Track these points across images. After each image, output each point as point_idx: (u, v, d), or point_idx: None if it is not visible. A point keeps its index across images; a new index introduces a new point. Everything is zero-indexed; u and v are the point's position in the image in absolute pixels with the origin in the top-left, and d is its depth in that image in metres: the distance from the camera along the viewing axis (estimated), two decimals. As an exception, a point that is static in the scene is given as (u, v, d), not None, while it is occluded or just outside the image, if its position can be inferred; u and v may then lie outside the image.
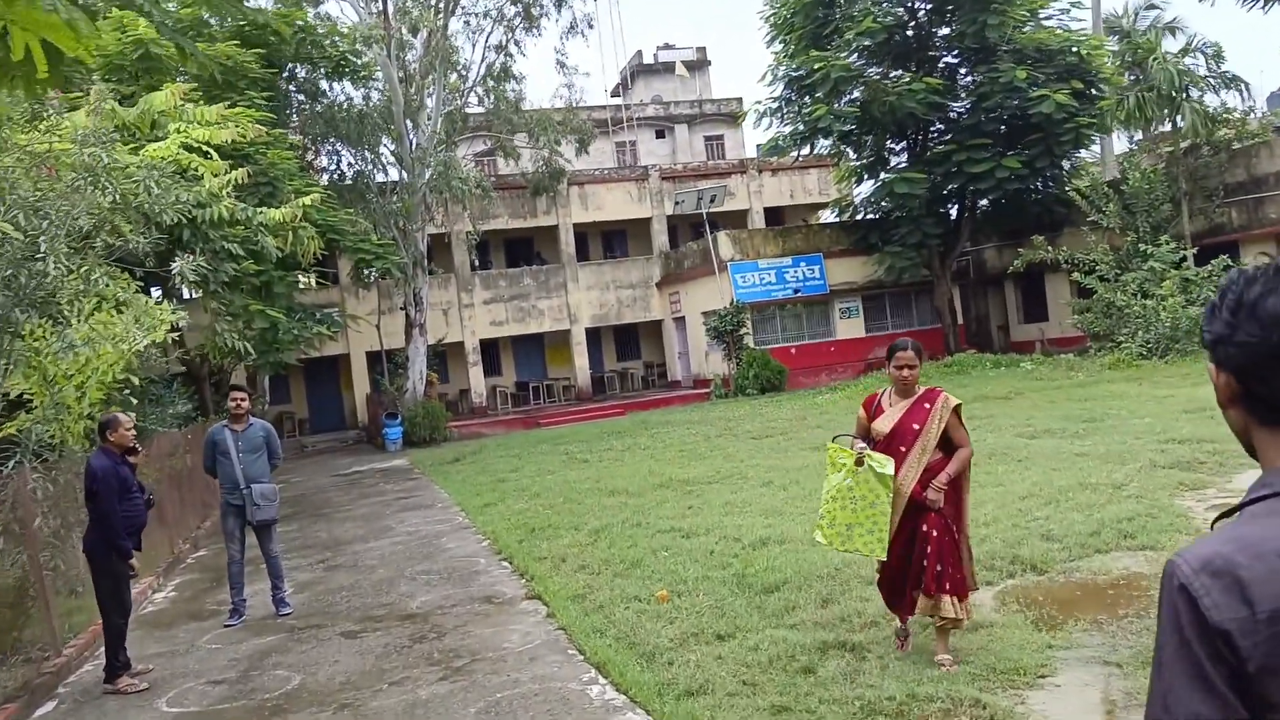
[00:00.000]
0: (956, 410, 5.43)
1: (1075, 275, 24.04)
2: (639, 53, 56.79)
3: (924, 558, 5.28)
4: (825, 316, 30.54)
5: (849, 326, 30.61)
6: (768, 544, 8.46)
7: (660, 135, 49.82)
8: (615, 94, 54.91)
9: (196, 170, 12.57)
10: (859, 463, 5.31)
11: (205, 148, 12.59)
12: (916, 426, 5.40)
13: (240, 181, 13.73)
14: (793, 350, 29.76)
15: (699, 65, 56.54)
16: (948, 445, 5.45)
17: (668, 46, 57.21)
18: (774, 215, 36.29)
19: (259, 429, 8.59)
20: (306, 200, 14.80)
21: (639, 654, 6.01)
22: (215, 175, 13.31)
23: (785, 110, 28.04)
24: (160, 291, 14.69)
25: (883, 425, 5.49)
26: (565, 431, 23.99)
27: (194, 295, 15.12)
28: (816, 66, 25.36)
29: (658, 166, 35.69)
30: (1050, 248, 24.83)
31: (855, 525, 5.38)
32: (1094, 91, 26.27)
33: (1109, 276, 23.89)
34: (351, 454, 26.77)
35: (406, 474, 19.91)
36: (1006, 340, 32.05)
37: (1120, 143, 31.04)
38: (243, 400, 8.48)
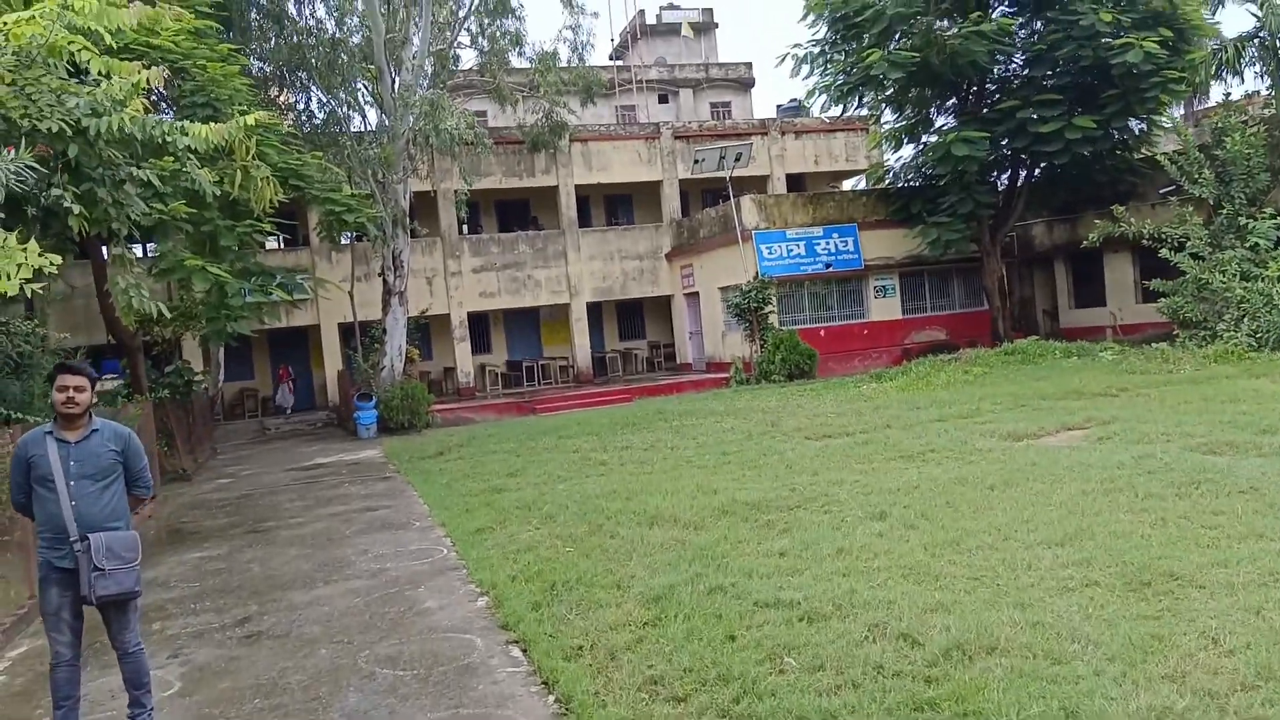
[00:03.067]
0: None
1: (1164, 252, 20.63)
2: (641, 11, 53.04)
3: None
4: (858, 295, 27.11)
5: (884, 307, 27.21)
6: (967, 652, 5.03)
7: (664, 100, 46.38)
8: (615, 56, 51.24)
9: (83, 61, 8.96)
10: None
11: (98, 29, 8.95)
12: None
13: (152, 84, 10.10)
14: (822, 332, 26.35)
15: (705, 28, 52.95)
16: None
17: (672, 6, 53.58)
18: (796, 183, 32.76)
19: (108, 438, 5.07)
20: (249, 119, 11.20)
21: None
22: (117, 76, 9.69)
23: (830, 55, 24.43)
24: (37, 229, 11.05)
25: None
26: (567, 420, 20.50)
27: (73, 236, 11.62)
28: (869, 1, 21.73)
29: (670, 124, 32.05)
30: (1133, 220, 21.38)
31: None
32: (1183, 45, 22.81)
33: (1202, 254, 20.53)
34: (318, 440, 23.19)
35: (379, 470, 16.39)
36: (1054, 326, 28.73)
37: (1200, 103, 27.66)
38: (79, 390, 4.95)
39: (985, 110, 24.88)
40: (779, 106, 35.44)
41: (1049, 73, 23.75)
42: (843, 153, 32.84)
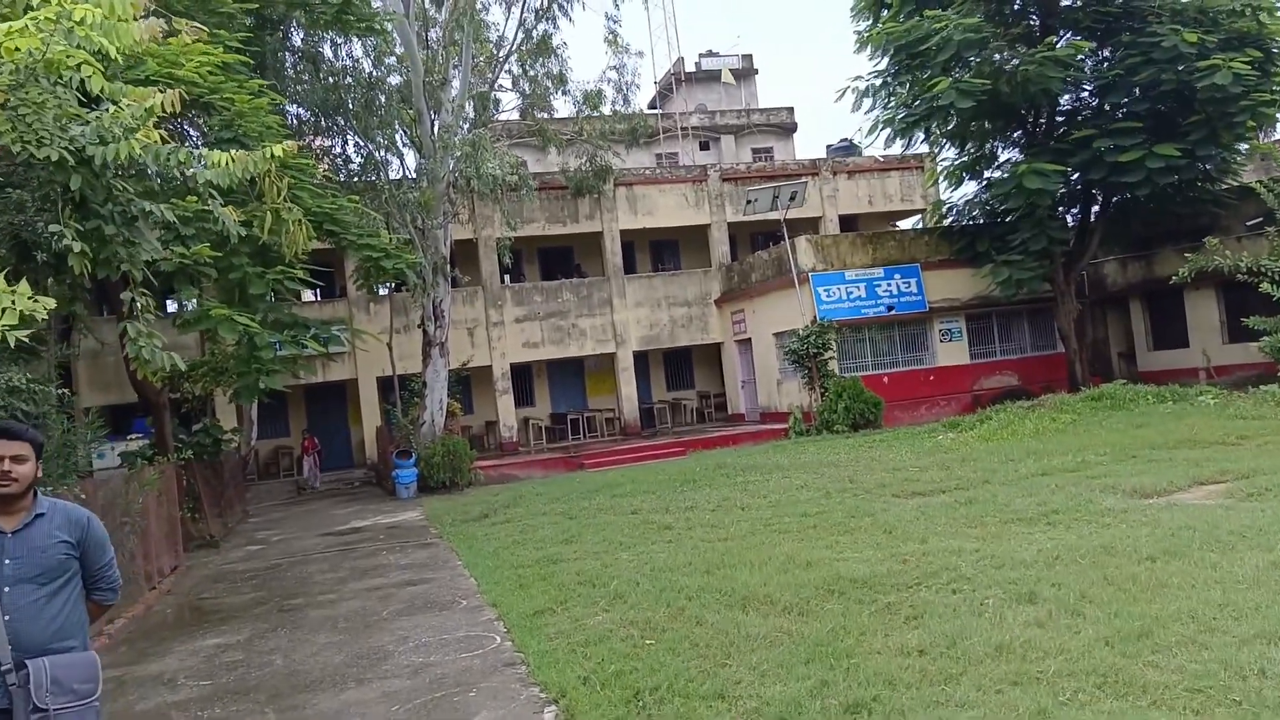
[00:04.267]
0: None
1: (1264, 286, 18.96)
2: (680, 59, 52.40)
3: None
4: (923, 339, 25.58)
5: (951, 351, 25.64)
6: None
7: (705, 147, 45.52)
8: (655, 105, 50.60)
9: (86, 76, 7.86)
10: None
11: (104, 43, 7.86)
12: None
13: (170, 110, 9.00)
14: (885, 379, 24.82)
15: (745, 74, 52.28)
16: None
17: (711, 54, 53.02)
18: (849, 224, 31.41)
19: (58, 525, 3.73)
20: (278, 149, 10.09)
21: None
22: (127, 100, 8.62)
23: (892, 87, 23.18)
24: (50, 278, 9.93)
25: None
26: (618, 477, 19.09)
27: (85, 284, 10.48)
28: (937, 26, 20.47)
29: (718, 166, 30.93)
30: (1228, 253, 19.75)
31: None
32: (1271, 68, 21.32)
33: (1309, 290, 18.83)
34: (355, 500, 21.94)
35: (419, 536, 15.05)
36: (1130, 370, 26.96)
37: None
38: (17, 461, 3.63)
39: (1054, 142, 23.45)
40: (829, 146, 34.27)
41: (1124, 100, 22.32)
42: (897, 192, 31.51)
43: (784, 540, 10.26)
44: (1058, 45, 22.19)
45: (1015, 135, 24.91)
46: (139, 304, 9.24)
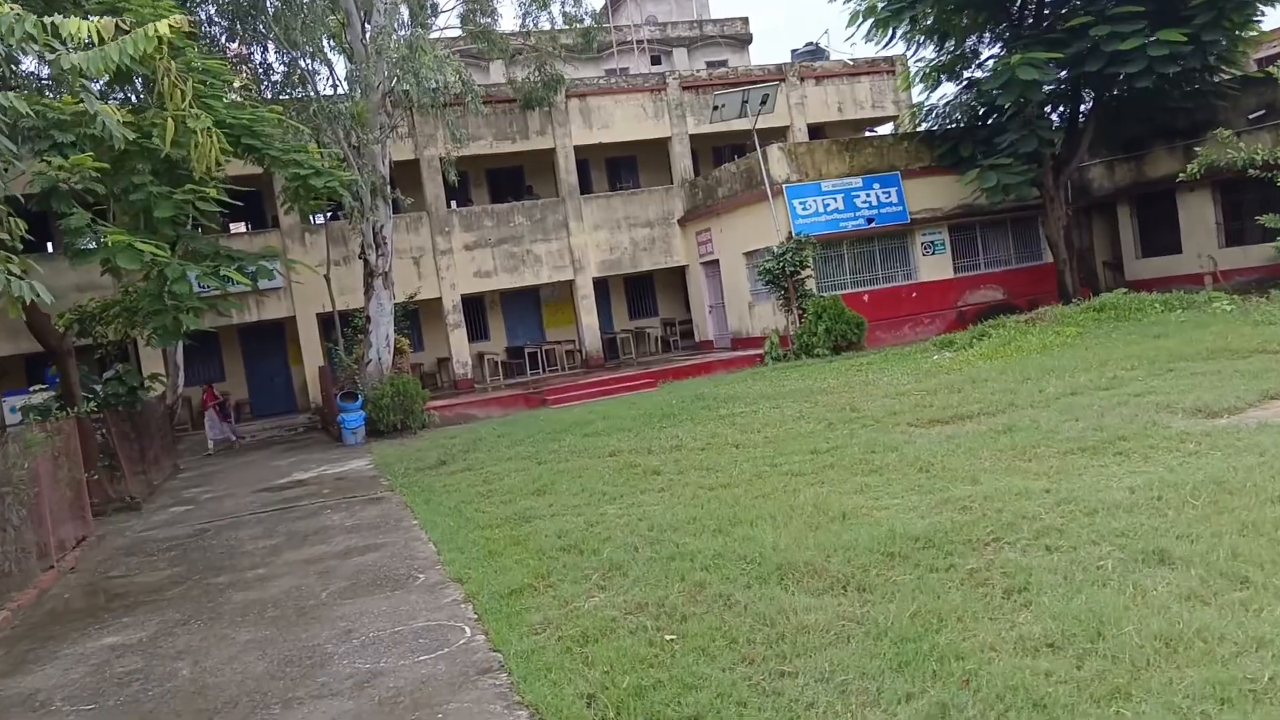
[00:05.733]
0: None
1: None
2: (628, -33, 49.52)
3: None
4: (904, 253, 23.98)
5: (934, 265, 24.09)
6: None
7: (656, 61, 43.27)
8: (601, 19, 47.92)
9: None
10: None
11: None
12: None
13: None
14: (865, 297, 23.24)
15: (696, -16, 49.68)
16: None
17: (660, -39, 50.23)
18: (817, 134, 29.43)
19: None
20: (163, 25, 8.04)
21: None
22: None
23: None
24: None
25: None
26: (588, 413, 17.40)
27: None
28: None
29: (677, 74, 28.72)
30: (1243, 146, 18.25)
31: None
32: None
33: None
34: (298, 448, 20.03)
35: (368, 488, 13.26)
36: (1117, 279, 25.64)
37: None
38: None
39: (1044, 33, 21.65)
40: (794, 51, 32.14)
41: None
42: (868, 98, 29.60)
43: (800, 485, 8.63)
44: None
45: (1000, 29, 23.06)
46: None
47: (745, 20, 45.68)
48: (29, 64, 15.18)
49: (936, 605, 5.02)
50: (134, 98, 16.49)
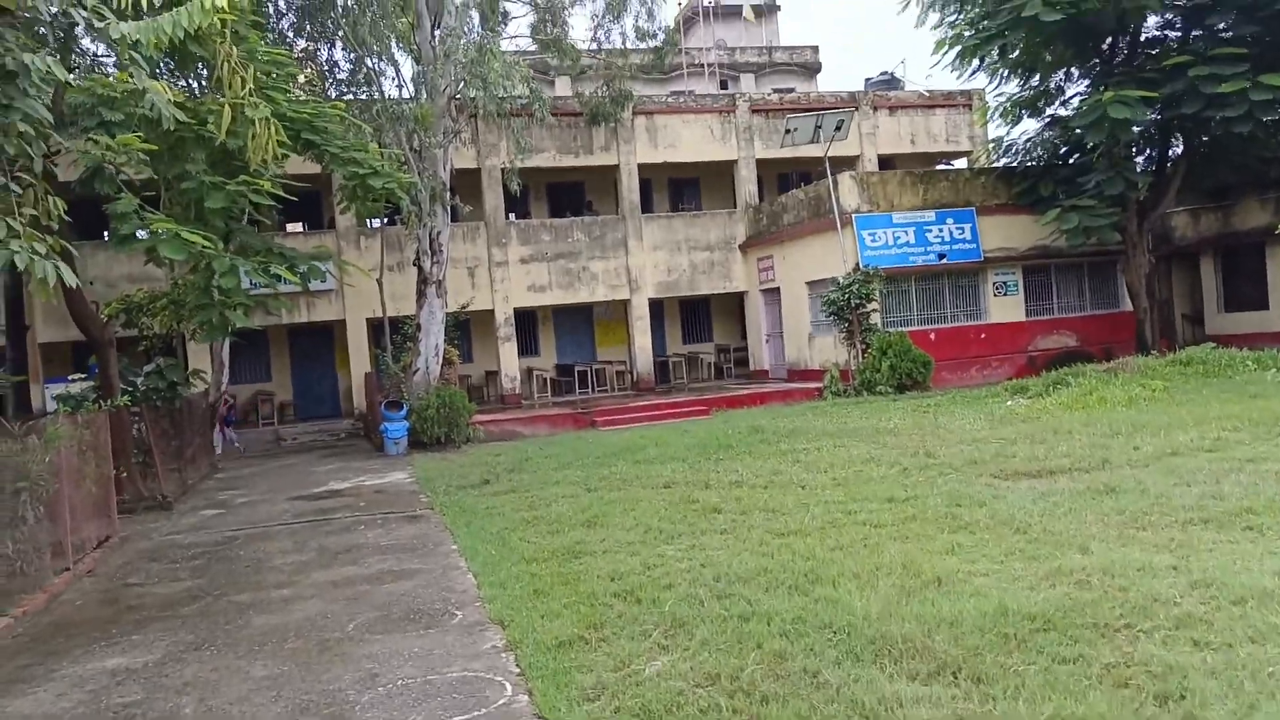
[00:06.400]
0: None
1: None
2: (699, -8, 49.16)
3: None
4: (974, 292, 23.01)
5: (1005, 306, 23.08)
6: None
7: (724, 85, 42.72)
8: (671, 34, 47.54)
9: None
10: None
11: None
12: None
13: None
14: (932, 335, 22.29)
15: (767, 11, 49.13)
16: None
17: (732, -12, 49.81)
18: (888, 166, 28.59)
19: None
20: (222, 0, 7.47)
21: None
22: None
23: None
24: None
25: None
26: (638, 438, 16.63)
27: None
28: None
29: (747, 96, 28.06)
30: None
31: None
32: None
33: None
34: (339, 455, 19.50)
35: (407, 504, 12.60)
36: (1197, 333, 24.44)
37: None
38: None
39: (1136, 71, 20.66)
40: (868, 80, 31.28)
41: (1221, 24, 19.56)
42: (943, 131, 28.69)
43: (882, 538, 7.78)
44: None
45: (1088, 65, 22.09)
46: (15, 192, 6.67)
47: (815, 49, 45.11)
48: (88, 43, 14.82)
49: (1076, 711, 4.17)
50: (197, 85, 16.11)
